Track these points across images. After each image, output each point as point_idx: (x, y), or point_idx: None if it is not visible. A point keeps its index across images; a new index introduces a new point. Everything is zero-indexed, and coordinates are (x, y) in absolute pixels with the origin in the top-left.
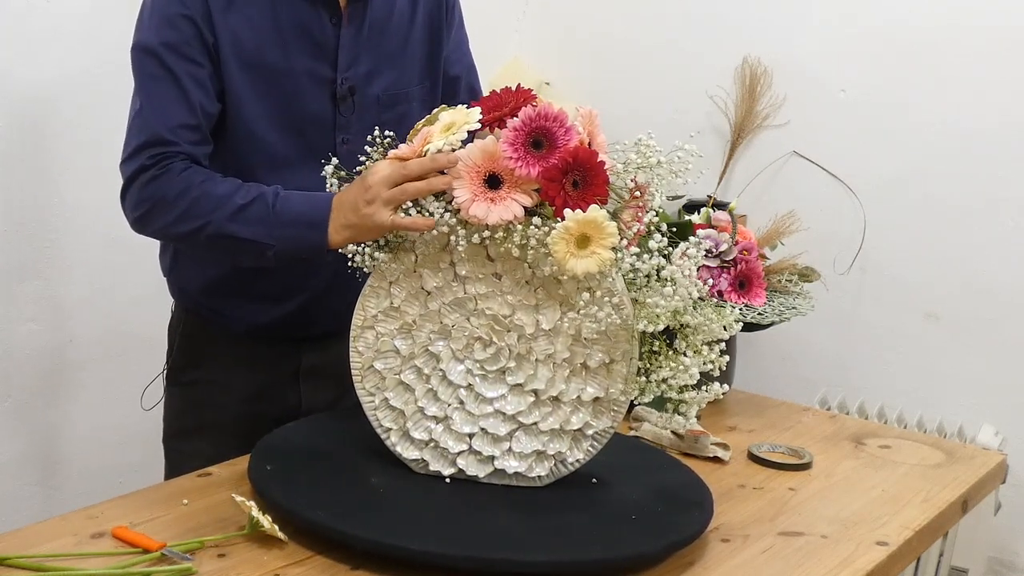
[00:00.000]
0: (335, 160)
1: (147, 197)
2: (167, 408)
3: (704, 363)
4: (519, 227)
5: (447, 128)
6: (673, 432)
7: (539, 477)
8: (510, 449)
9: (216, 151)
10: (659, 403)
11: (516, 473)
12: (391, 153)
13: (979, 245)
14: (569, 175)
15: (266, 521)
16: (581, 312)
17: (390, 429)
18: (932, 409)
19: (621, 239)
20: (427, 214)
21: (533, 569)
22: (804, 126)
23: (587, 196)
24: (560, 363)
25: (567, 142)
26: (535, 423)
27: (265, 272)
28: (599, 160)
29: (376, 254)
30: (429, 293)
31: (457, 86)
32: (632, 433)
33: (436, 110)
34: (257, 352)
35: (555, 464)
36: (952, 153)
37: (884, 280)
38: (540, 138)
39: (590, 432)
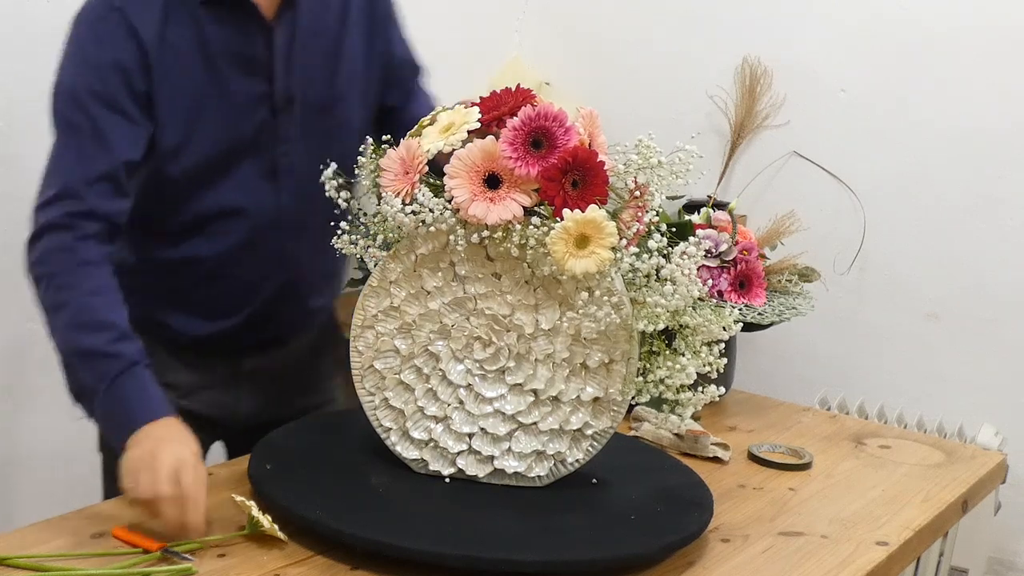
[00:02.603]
0: (333, 165)
1: (43, 262)
2: (105, 447)
3: (703, 364)
4: (518, 227)
5: (446, 129)
6: (673, 432)
7: (539, 477)
8: (510, 449)
9: (151, 175)
10: (658, 403)
11: (516, 473)
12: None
13: (979, 245)
14: (568, 175)
15: (266, 521)
16: (580, 312)
17: (390, 429)
18: (932, 409)
19: (620, 239)
20: (427, 211)
21: (533, 569)
22: (804, 126)
23: (586, 196)
24: (560, 363)
25: (567, 142)
26: (535, 423)
27: (209, 287)
28: (599, 160)
29: (373, 251)
30: (429, 293)
31: (402, 67)
32: (632, 433)
33: (435, 111)
34: (196, 358)
35: (555, 464)
36: (952, 153)
37: (884, 280)
38: (540, 138)
39: (589, 432)
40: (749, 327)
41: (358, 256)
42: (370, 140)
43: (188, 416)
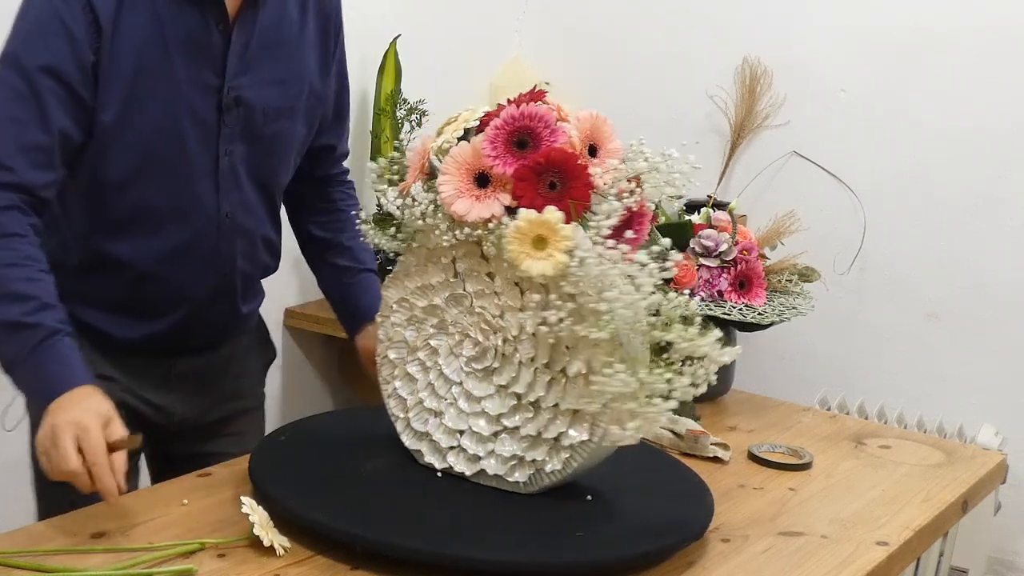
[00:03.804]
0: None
1: None
2: (33, 424)
3: (667, 381)
4: (498, 226)
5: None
6: (673, 432)
7: (521, 483)
8: (493, 451)
9: (87, 157)
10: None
11: (496, 475)
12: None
13: (979, 245)
14: (544, 176)
15: (266, 538)
16: (529, 313)
17: (398, 417)
18: (932, 409)
19: (587, 241)
20: (417, 204)
21: (533, 570)
22: (804, 126)
23: (564, 198)
24: (541, 368)
25: (552, 143)
26: (516, 427)
27: (142, 289)
28: (579, 164)
29: (387, 242)
30: (433, 287)
31: (333, 101)
32: None
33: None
34: (127, 360)
35: (534, 472)
36: (952, 153)
37: (884, 280)
38: (525, 138)
39: (567, 443)
40: (749, 327)
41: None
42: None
43: (127, 410)
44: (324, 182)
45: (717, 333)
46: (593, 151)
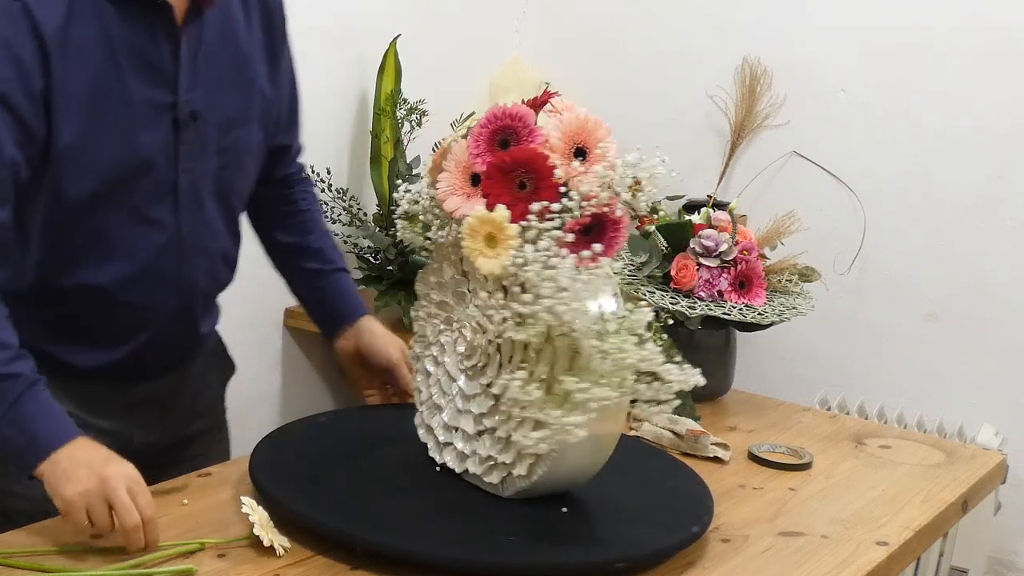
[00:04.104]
0: (403, 206)
1: None
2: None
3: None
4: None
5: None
6: (673, 432)
7: (496, 485)
8: (475, 450)
9: (46, 181)
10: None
11: (475, 474)
12: None
13: (979, 245)
14: (514, 176)
15: (266, 538)
16: (470, 311)
17: (416, 410)
18: (932, 409)
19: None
20: (421, 199)
21: (533, 570)
22: (804, 126)
23: (532, 199)
24: (515, 371)
25: (531, 143)
26: (494, 428)
27: (102, 315)
28: (547, 164)
29: (414, 237)
30: (444, 284)
31: (286, 101)
32: (632, 433)
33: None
34: (87, 389)
35: (506, 475)
36: (952, 153)
37: (884, 280)
38: (507, 137)
39: (528, 451)
40: (749, 327)
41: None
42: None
43: None
44: (282, 183)
45: (654, 349)
46: (582, 153)
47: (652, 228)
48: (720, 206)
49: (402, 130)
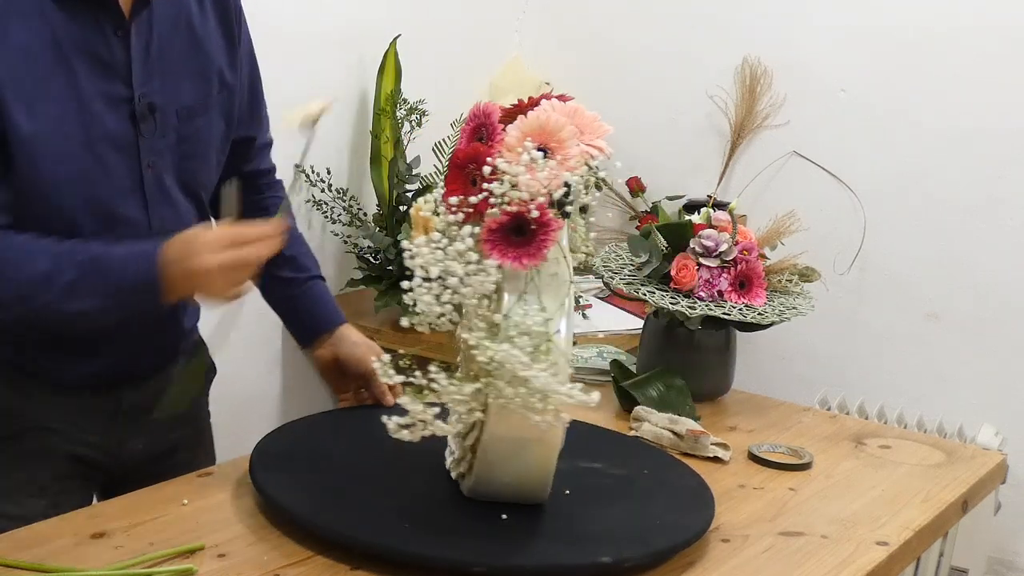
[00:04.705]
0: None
1: None
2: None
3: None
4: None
5: None
6: (673, 432)
7: (457, 480)
8: (449, 444)
9: (19, 205)
10: (658, 404)
11: (448, 469)
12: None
13: (979, 245)
14: (467, 171)
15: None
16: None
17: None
18: (932, 409)
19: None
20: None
21: (533, 572)
22: (804, 126)
23: (474, 193)
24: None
25: (494, 140)
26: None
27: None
28: (486, 161)
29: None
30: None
31: (247, 90)
32: (632, 433)
33: None
34: (74, 400)
35: (464, 471)
36: (952, 153)
37: (884, 280)
38: (482, 135)
39: (469, 443)
40: (749, 327)
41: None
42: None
43: (74, 461)
44: (250, 184)
45: (520, 358)
46: (545, 152)
47: (652, 227)
48: (720, 206)
49: (402, 130)
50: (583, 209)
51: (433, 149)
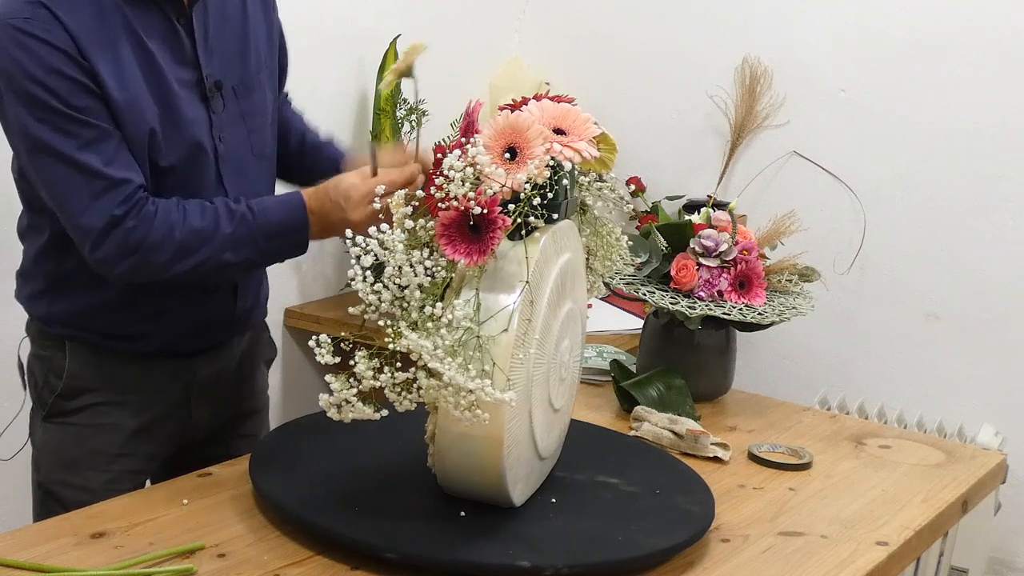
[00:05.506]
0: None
1: (131, 249)
2: (45, 446)
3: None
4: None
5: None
6: (673, 432)
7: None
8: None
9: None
10: (658, 404)
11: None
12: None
13: (979, 245)
14: (438, 166)
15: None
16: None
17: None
18: (932, 409)
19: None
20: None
21: (533, 572)
22: (804, 126)
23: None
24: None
25: (477, 136)
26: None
27: (164, 289)
28: (438, 158)
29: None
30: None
31: (283, 57)
32: (632, 433)
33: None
34: (148, 372)
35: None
36: (952, 153)
37: (884, 280)
38: (471, 131)
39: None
40: (749, 327)
41: None
42: None
43: (139, 435)
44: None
45: (429, 350)
46: (513, 152)
47: (652, 227)
48: (720, 206)
49: (402, 130)
50: (582, 207)
51: (433, 150)
